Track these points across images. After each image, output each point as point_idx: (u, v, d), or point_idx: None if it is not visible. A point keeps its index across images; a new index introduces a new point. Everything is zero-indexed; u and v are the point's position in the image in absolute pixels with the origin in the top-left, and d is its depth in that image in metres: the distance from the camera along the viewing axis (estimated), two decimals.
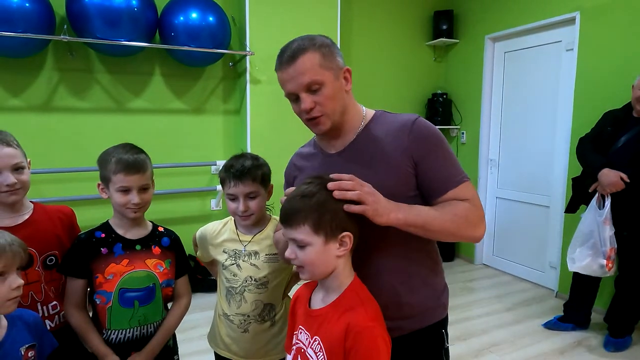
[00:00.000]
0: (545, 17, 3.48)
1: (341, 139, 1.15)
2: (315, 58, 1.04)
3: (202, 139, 3.54)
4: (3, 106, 2.94)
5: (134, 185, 1.27)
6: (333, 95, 1.06)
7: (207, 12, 3.14)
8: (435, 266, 1.19)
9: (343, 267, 0.99)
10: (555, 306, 3.25)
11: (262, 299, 1.37)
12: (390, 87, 4.32)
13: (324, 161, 1.18)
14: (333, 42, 1.11)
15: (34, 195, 2.99)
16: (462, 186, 1.08)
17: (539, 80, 3.65)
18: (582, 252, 2.61)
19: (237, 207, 1.32)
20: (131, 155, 1.27)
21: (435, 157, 1.08)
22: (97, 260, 1.28)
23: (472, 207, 1.07)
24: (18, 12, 2.62)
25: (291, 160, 1.30)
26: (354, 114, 1.15)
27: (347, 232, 0.95)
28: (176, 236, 1.45)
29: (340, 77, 1.09)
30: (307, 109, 1.06)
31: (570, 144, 3.27)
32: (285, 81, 1.07)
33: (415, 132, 1.08)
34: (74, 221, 1.44)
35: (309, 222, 0.93)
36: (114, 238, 1.31)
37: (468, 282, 3.85)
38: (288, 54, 1.06)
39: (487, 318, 3.10)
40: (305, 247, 0.94)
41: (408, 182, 1.08)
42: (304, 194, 0.95)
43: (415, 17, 4.36)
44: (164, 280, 1.35)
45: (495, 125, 4.12)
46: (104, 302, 1.28)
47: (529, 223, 3.80)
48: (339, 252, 0.96)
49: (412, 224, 0.99)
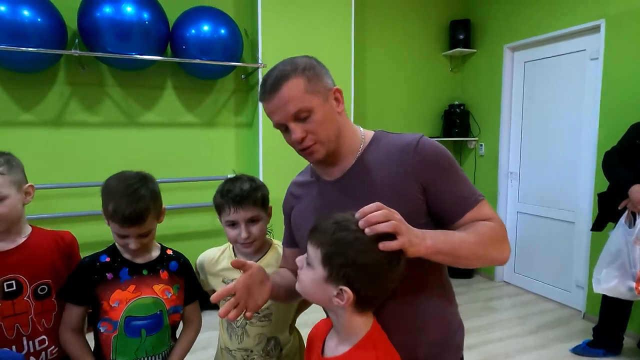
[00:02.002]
0: (568, 25, 3.35)
1: (339, 165, 1.05)
2: (300, 84, 0.95)
3: (213, 152, 3.49)
4: (15, 121, 2.93)
5: (132, 234, 1.19)
6: (324, 121, 0.97)
7: (219, 25, 3.10)
8: (449, 300, 1.08)
9: (350, 319, 0.88)
10: (584, 329, 3.07)
11: (266, 333, 1.27)
12: (405, 99, 4.23)
13: (321, 191, 1.08)
14: (318, 61, 1.02)
15: (44, 210, 2.98)
16: (479, 206, 0.99)
17: (562, 91, 3.51)
18: (609, 274, 2.45)
19: (239, 234, 1.23)
20: (129, 206, 1.14)
21: (447, 179, 0.98)
22: (103, 286, 1.21)
23: (497, 225, 0.98)
24: (30, 27, 2.61)
25: (288, 190, 1.20)
26: (350, 136, 1.05)
27: (347, 289, 0.82)
28: (185, 260, 1.36)
29: (330, 98, 1.00)
30: (298, 140, 0.97)
31: (597, 157, 3.11)
32: (271, 113, 0.99)
33: (421, 154, 0.98)
34: (74, 249, 1.34)
35: (322, 249, 0.84)
36: (120, 262, 1.24)
37: (488, 301, 3.68)
38: (270, 82, 0.96)
39: (510, 341, 2.94)
40: (309, 266, 0.87)
41: (417, 209, 0.98)
42: (339, 222, 0.84)
43: (431, 27, 4.27)
44: (171, 307, 1.26)
45: (516, 136, 3.98)
46: (109, 331, 1.20)
47: (553, 239, 3.62)
48: (333, 300, 0.85)
49: (441, 251, 0.88)
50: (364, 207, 0.82)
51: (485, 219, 0.98)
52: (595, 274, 2.52)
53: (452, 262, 0.94)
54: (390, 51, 4.10)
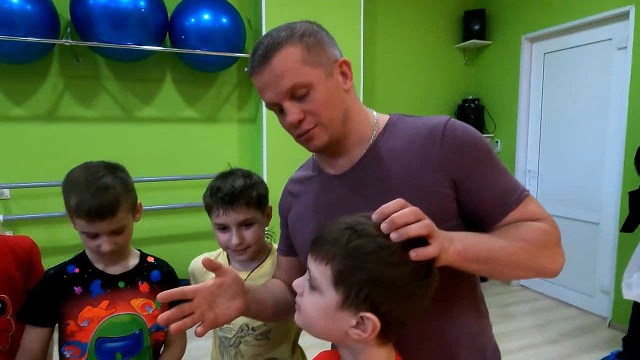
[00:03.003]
0: (593, 13, 3.13)
1: (347, 156, 0.86)
2: (296, 53, 0.77)
3: (215, 149, 3.31)
4: (6, 115, 2.78)
5: (101, 231, 1.00)
6: (327, 99, 0.79)
7: (220, 14, 2.93)
8: (483, 321, 0.90)
9: (369, 354, 0.67)
10: (610, 338, 2.86)
11: (263, 353, 1.09)
12: (416, 94, 4.03)
13: (324, 187, 0.89)
14: (321, 27, 0.83)
15: (37, 210, 2.84)
16: (525, 202, 0.80)
17: (586, 83, 3.29)
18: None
19: (230, 239, 1.05)
20: (95, 199, 0.95)
21: (483, 171, 0.79)
22: (69, 303, 1.02)
23: (548, 227, 0.78)
24: (19, 15, 2.46)
25: (285, 188, 1.00)
26: (361, 120, 0.86)
27: (372, 316, 0.62)
28: (169, 268, 1.16)
29: (335, 72, 0.81)
30: (294, 122, 0.79)
31: (625, 153, 2.90)
32: (261, 89, 0.80)
33: (451, 141, 0.79)
34: (33, 257, 1.14)
35: (333, 265, 0.63)
36: (91, 274, 1.06)
37: (505, 307, 3.48)
38: (260, 52, 0.78)
39: (531, 351, 2.74)
40: (314, 291, 0.66)
41: (446, 209, 0.79)
42: (353, 227, 0.63)
43: (443, 17, 4.06)
44: (153, 325, 1.08)
45: (534, 132, 3.76)
46: (76, 356, 1.02)
47: (574, 241, 3.40)
48: (351, 332, 0.64)
49: (475, 258, 0.70)
50: (383, 206, 0.63)
51: (534, 219, 0.79)
52: (625, 278, 2.33)
53: (489, 272, 0.75)
54: (400, 43, 3.90)
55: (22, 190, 2.84)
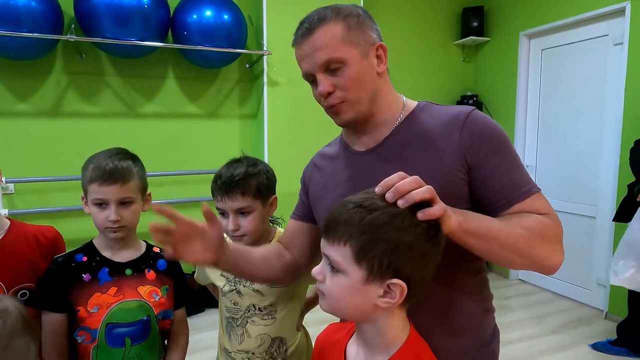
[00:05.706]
0: (590, 9, 3.17)
1: (372, 134, 0.91)
2: (337, 30, 0.83)
3: (217, 145, 3.35)
4: (10, 111, 2.81)
5: (111, 197, 1.04)
6: (358, 77, 0.84)
7: (222, 10, 2.96)
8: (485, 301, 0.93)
9: (390, 322, 0.71)
10: (607, 329, 2.91)
11: (269, 332, 1.13)
12: (415, 90, 4.03)
13: (349, 162, 0.94)
14: (366, 12, 0.89)
15: (41, 204, 2.87)
16: (533, 198, 0.83)
17: (583, 79, 3.33)
18: (626, 264, 2.28)
19: (227, 224, 1.09)
20: (111, 162, 1.04)
21: (499, 161, 0.83)
22: (78, 290, 1.05)
23: (550, 222, 0.81)
24: (24, 11, 2.48)
25: (312, 160, 1.06)
26: (389, 103, 0.91)
27: (399, 281, 0.66)
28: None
29: (371, 55, 0.87)
30: (323, 93, 0.85)
31: (621, 148, 2.94)
32: (300, 59, 0.87)
33: (470, 128, 0.83)
34: (57, 247, 1.18)
35: (352, 244, 0.66)
36: (99, 262, 1.09)
37: (503, 300, 3.52)
38: (305, 25, 0.85)
39: (529, 342, 2.78)
40: (337, 273, 0.68)
41: (458, 191, 0.83)
42: (361, 204, 0.67)
43: (442, 14, 4.10)
44: (160, 312, 1.11)
45: (532, 128, 3.81)
46: (87, 341, 1.05)
47: (572, 235, 3.43)
48: (380, 301, 0.67)
49: (475, 232, 0.73)
50: (385, 179, 0.68)
51: (538, 214, 0.82)
52: (612, 266, 2.37)
53: (487, 251, 0.77)
54: (398, 40, 3.93)
55: (27, 185, 2.87)
